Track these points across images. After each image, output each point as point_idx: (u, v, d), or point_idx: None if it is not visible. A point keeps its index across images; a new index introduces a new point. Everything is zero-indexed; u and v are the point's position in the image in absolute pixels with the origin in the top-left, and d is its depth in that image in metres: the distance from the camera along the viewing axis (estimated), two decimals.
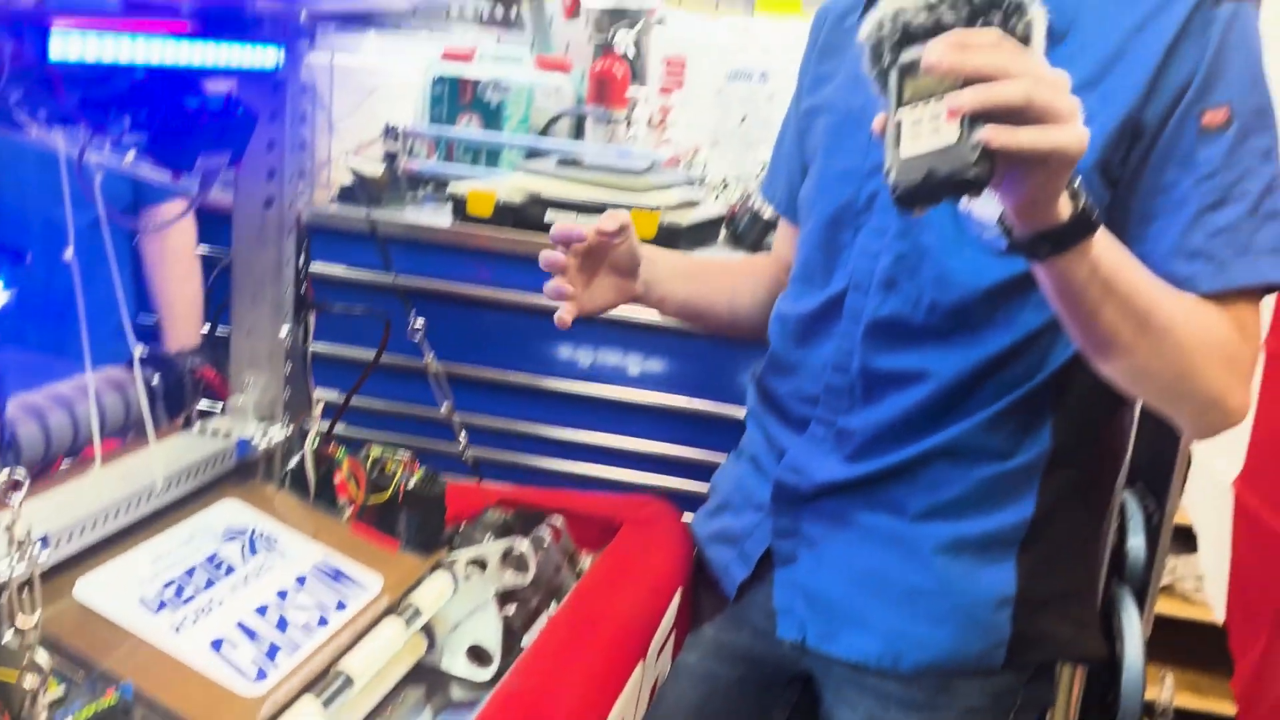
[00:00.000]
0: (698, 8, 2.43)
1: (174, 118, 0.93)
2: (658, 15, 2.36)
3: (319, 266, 1.26)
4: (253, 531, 1.16)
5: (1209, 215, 0.98)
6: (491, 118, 2.31)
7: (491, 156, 2.31)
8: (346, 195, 2.03)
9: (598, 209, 1.91)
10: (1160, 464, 1.85)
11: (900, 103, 0.79)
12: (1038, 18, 0.80)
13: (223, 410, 1.26)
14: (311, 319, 1.27)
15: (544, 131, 2.33)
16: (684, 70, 2.28)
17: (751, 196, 2.03)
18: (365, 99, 2.19)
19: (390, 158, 2.18)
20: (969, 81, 0.75)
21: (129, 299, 1.73)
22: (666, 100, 2.27)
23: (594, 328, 1.91)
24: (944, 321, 1.10)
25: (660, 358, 1.91)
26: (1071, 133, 0.76)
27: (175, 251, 1.90)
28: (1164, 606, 2.34)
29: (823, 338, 1.19)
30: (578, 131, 2.40)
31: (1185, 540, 1.95)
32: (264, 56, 1.08)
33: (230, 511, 1.18)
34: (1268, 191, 0.99)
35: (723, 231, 2.09)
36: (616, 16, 2.35)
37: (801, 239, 1.26)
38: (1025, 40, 0.79)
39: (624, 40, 2.33)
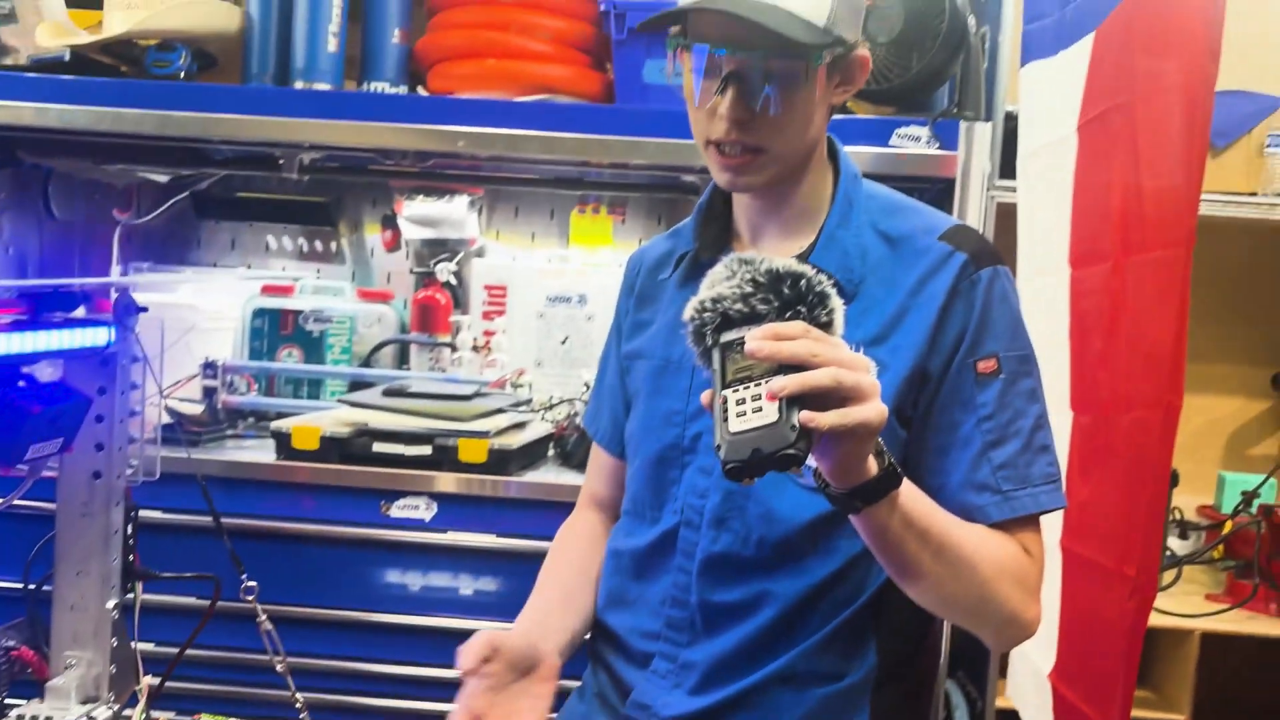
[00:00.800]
0: (514, 240, 2.56)
1: (4, 412, 0.92)
2: (477, 246, 2.48)
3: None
4: None
5: (992, 452, 1.11)
6: (313, 348, 2.33)
7: (314, 387, 2.32)
8: (164, 435, 1.99)
9: (426, 438, 1.95)
10: (978, 653, 1.96)
11: (725, 382, 0.88)
12: (838, 307, 0.92)
13: (42, 694, 1.19)
14: (139, 587, 1.24)
15: (367, 360, 2.36)
16: (505, 296, 2.37)
17: (578, 414, 2.10)
18: (182, 336, 2.18)
19: (209, 393, 2.16)
20: (784, 367, 0.85)
21: None
22: (490, 325, 2.35)
23: (423, 554, 1.91)
24: (773, 554, 1.17)
25: (491, 579, 1.92)
26: (873, 409, 0.87)
27: None
28: None
29: (659, 572, 1.24)
30: (403, 358, 2.44)
31: None
32: (95, 335, 1.09)
33: None
34: (1037, 427, 1.13)
35: (551, 450, 2.15)
36: (437, 248, 2.45)
37: (630, 475, 1.32)
38: (828, 326, 0.91)
39: (445, 270, 2.42)
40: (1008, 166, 1.97)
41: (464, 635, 1.84)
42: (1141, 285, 1.34)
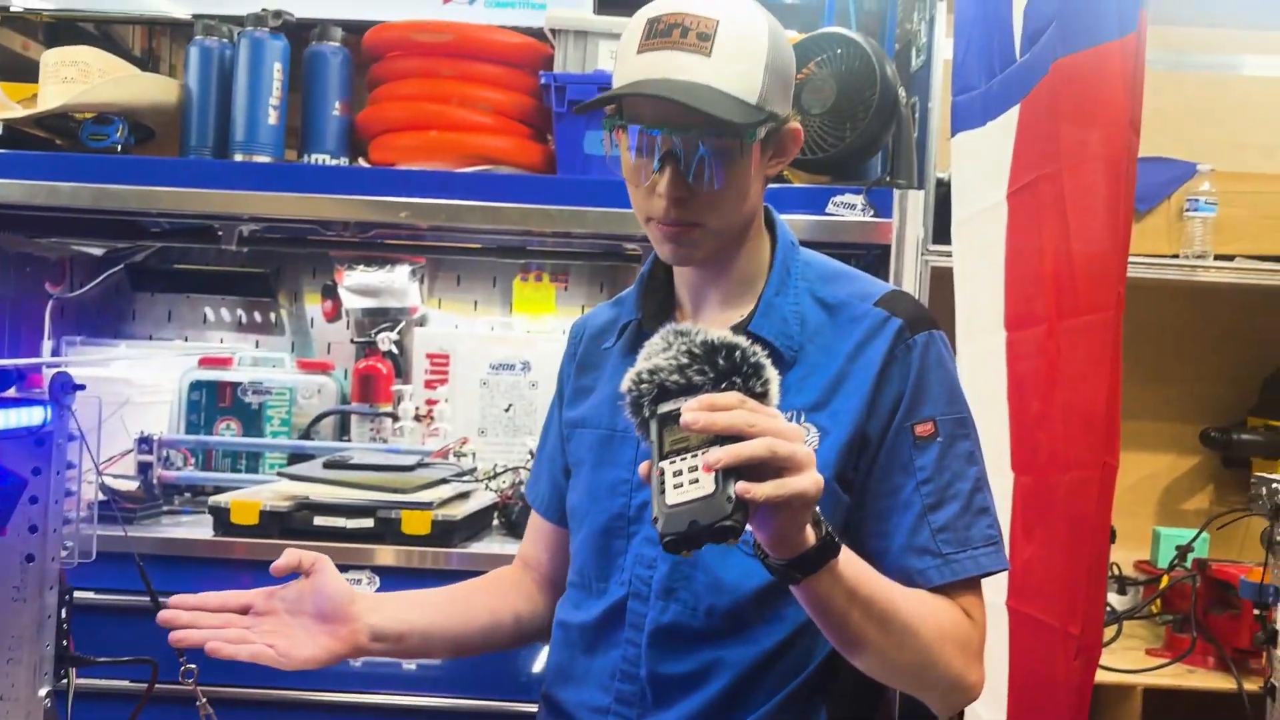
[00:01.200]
0: (457, 308, 2.56)
1: None
2: (419, 315, 2.47)
3: None
4: None
5: (931, 515, 1.12)
6: (252, 421, 2.30)
7: (252, 460, 2.28)
8: (99, 513, 1.94)
9: (368, 511, 1.92)
10: (926, 715, 1.96)
11: (662, 453, 0.89)
12: (773, 378, 0.93)
13: None
14: (74, 673, 1.20)
15: (307, 432, 2.33)
16: (448, 365, 2.36)
17: (523, 482, 2.08)
18: (117, 411, 2.14)
19: (145, 469, 2.12)
20: (719, 438, 0.86)
21: None
22: (432, 394, 2.33)
23: None
24: (722, 624, 1.16)
25: None
26: (809, 479, 0.88)
27: None
28: None
29: (608, 646, 1.22)
30: (343, 429, 2.41)
31: None
32: (30, 415, 1.07)
33: None
34: (976, 490, 1.15)
35: (496, 519, 2.13)
36: (378, 317, 2.44)
37: (575, 546, 1.31)
38: (764, 396, 0.92)
39: (386, 339, 2.41)
40: (941, 232, 2.02)
41: (408, 712, 1.84)
42: (1075, 348, 1.38)
